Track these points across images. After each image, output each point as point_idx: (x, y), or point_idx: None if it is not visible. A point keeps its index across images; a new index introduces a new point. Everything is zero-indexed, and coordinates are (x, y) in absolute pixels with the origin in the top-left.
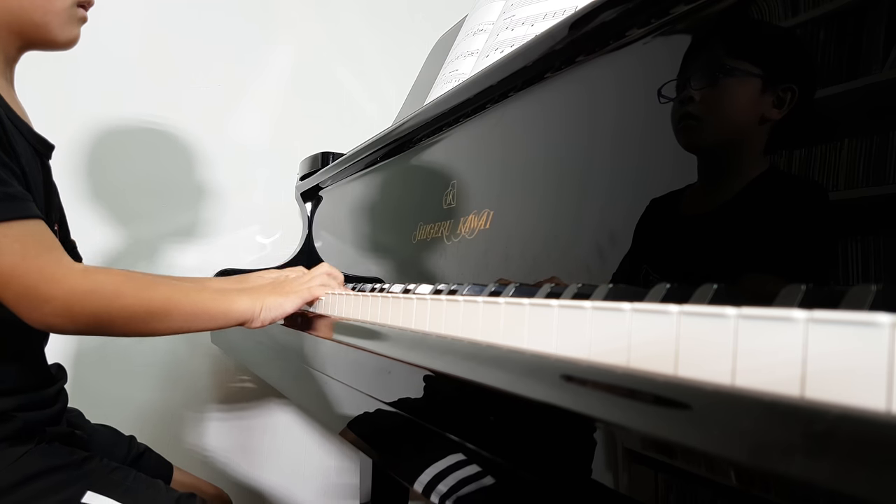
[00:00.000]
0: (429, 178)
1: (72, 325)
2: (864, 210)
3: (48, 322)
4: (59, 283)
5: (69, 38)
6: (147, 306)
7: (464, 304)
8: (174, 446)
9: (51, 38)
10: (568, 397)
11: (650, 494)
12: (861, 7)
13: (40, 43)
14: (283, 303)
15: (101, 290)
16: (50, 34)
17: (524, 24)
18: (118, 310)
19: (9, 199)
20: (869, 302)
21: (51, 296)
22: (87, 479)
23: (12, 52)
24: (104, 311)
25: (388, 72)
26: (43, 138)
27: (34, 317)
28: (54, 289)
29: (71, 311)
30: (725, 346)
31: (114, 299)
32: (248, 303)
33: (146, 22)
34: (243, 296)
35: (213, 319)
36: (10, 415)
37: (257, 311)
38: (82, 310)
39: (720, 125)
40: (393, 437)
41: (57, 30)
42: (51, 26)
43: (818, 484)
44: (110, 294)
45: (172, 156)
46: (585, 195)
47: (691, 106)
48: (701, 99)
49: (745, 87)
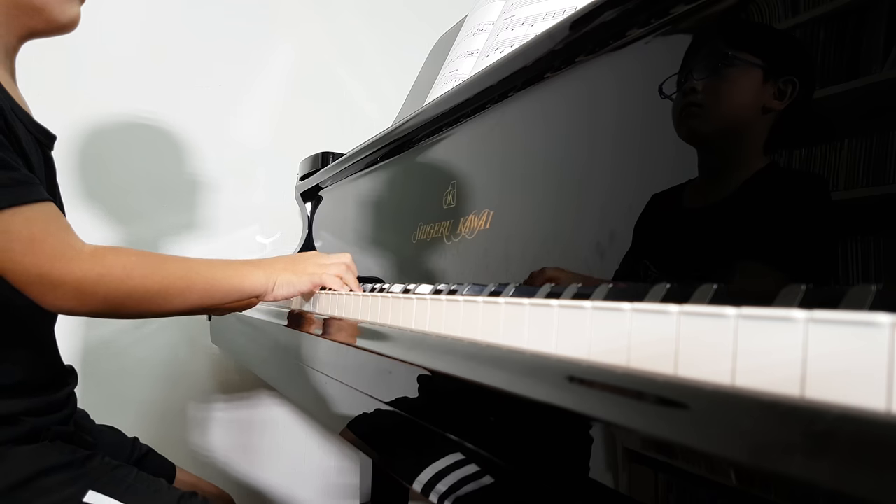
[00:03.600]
0: (429, 178)
1: (84, 308)
2: (865, 210)
3: (62, 305)
4: (70, 265)
5: (69, 17)
6: (160, 285)
7: (464, 304)
8: (175, 446)
9: (50, 18)
10: (568, 397)
11: (650, 494)
12: (861, 7)
13: (40, 25)
14: (294, 282)
15: (111, 273)
16: (49, 14)
17: (524, 24)
18: (130, 290)
19: (17, 183)
20: (869, 302)
21: (61, 280)
22: (89, 477)
23: (13, 40)
24: (116, 294)
25: (388, 72)
26: (45, 129)
27: (47, 300)
28: (65, 273)
29: (85, 292)
30: (725, 346)
31: (125, 280)
32: (263, 277)
33: (146, 21)
34: (257, 270)
35: (228, 294)
36: (18, 418)
37: (270, 286)
38: (94, 293)
39: (720, 125)
40: (393, 437)
41: (56, 9)
42: (49, 5)
43: (818, 484)
44: (121, 275)
45: (172, 155)
46: (585, 195)
47: (691, 106)
48: (701, 99)
49: (745, 87)
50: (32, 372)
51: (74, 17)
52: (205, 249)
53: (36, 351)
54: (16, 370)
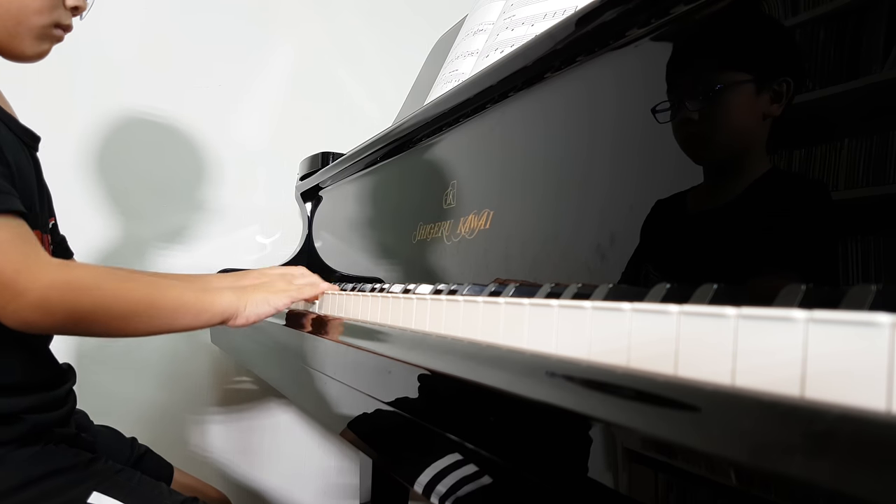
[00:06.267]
0: (429, 178)
1: (48, 320)
2: (865, 210)
3: (22, 317)
4: (35, 275)
5: (36, 52)
6: (126, 301)
7: (464, 304)
8: (174, 447)
9: (18, 50)
10: (568, 397)
11: (650, 494)
12: (861, 7)
13: (5, 52)
14: (269, 298)
15: (78, 283)
16: (18, 46)
17: (524, 24)
18: (96, 304)
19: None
20: (869, 302)
21: (25, 288)
22: (93, 479)
23: None
24: (82, 306)
25: (388, 72)
26: (28, 129)
27: (7, 311)
28: (30, 281)
29: (47, 304)
30: (725, 346)
31: (92, 291)
32: (232, 299)
33: (146, 22)
34: (227, 292)
35: (196, 316)
36: (18, 416)
37: (241, 308)
38: (60, 303)
39: (721, 126)
40: (393, 437)
41: (26, 42)
42: (21, 37)
43: (818, 484)
44: (89, 286)
45: (173, 155)
46: (585, 195)
47: (691, 106)
48: (701, 99)
49: (746, 87)
50: (32, 371)
51: (41, 54)
52: (205, 249)
53: (32, 350)
54: (15, 369)
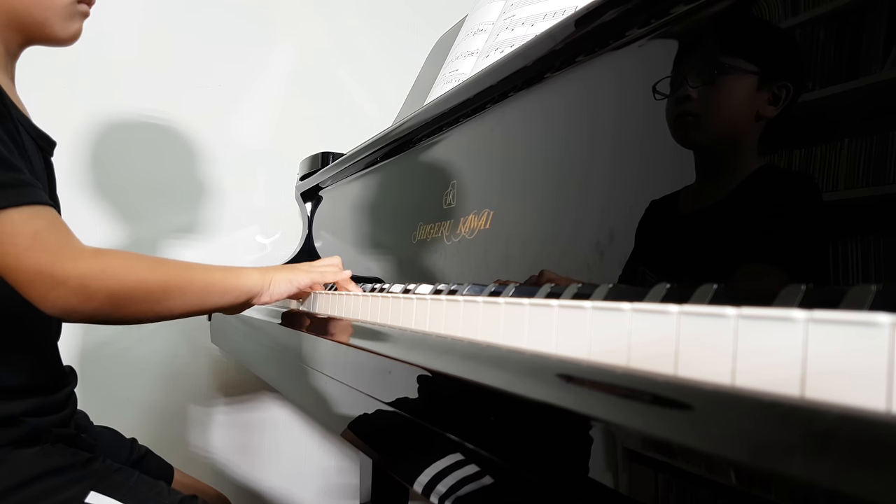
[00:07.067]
0: (429, 178)
1: (88, 306)
2: (864, 210)
3: (63, 304)
4: (73, 262)
5: (70, 33)
6: (160, 282)
7: (464, 305)
8: (174, 447)
9: (52, 34)
10: (568, 397)
11: (650, 494)
12: (861, 7)
13: (41, 39)
14: (292, 278)
15: (114, 268)
16: (51, 30)
17: (524, 24)
18: (133, 286)
19: (22, 185)
20: (869, 302)
21: (66, 276)
22: (91, 479)
23: (13, 48)
24: (120, 289)
25: (388, 72)
26: (45, 134)
27: (49, 299)
28: (69, 269)
29: (87, 289)
30: (725, 346)
31: (129, 274)
32: (258, 277)
33: (146, 22)
34: (252, 272)
35: (224, 294)
36: (18, 419)
37: (266, 286)
38: (98, 288)
39: (721, 125)
40: (393, 438)
41: (57, 26)
42: (51, 22)
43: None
44: (125, 271)
45: (173, 155)
46: (585, 195)
47: (691, 106)
48: (701, 99)
49: (745, 87)
50: (34, 374)
51: (75, 34)
52: (205, 249)
53: (37, 353)
54: (17, 373)
